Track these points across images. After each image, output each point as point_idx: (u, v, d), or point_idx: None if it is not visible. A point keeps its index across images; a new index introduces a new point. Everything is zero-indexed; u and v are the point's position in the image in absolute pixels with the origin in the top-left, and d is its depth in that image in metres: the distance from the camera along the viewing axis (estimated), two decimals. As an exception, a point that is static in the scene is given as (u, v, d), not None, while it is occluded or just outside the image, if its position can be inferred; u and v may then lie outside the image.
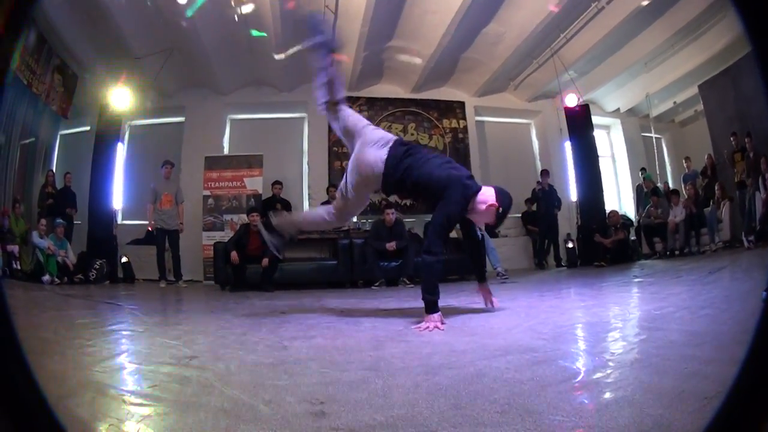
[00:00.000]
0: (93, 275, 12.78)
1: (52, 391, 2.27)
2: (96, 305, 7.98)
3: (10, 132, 13.05)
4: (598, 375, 2.59)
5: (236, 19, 13.00)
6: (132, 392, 2.62)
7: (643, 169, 17.18)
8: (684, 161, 16.94)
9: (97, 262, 13.00)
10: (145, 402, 2.40)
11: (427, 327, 4.43)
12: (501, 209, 4.91)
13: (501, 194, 4.97)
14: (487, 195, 4.93)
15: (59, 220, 13.10)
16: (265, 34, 13.71)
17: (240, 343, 4.07)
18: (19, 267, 11.84)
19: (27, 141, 13.94)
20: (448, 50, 15.01)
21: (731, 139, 14.56)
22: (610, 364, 2.85)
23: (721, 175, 15.19)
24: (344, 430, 1.89)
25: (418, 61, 15.60)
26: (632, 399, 2.15)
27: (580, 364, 2.96)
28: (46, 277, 11.83)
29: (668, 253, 14.28)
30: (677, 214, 14.26)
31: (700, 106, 17.49)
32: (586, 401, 2.22)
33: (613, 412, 1.98)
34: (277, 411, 2.16)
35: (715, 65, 15.59)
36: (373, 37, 14.22)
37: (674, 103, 18.81)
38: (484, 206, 4.88)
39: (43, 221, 12.86)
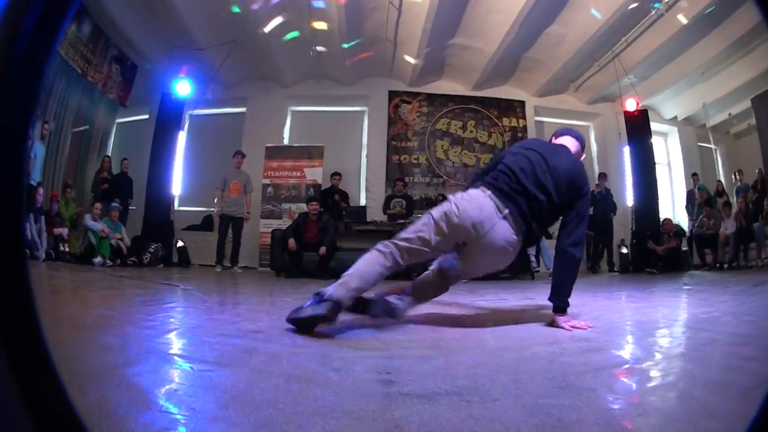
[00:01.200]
0: (147, 258, 12.92)
1: (108, 362, 2.39)
2: (152, 285, 7.99)
3: (62, 119, 13.31)
4: (647, 363, 2.69)
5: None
6: (198, 360, 2.62)
7: (695, 175, 16.90)
8: (736, 174, 16.64)
9: (152, 246, 13.14)
10: (212, 368, 2.42)
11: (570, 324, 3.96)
12: None
13: None
14: None
15: (115, 204, 13.22)
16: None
17: None
18: (66, 250, 11.99)
19: (80, 128, 14.21)
20: (510, 49, 14.97)
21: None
22: (658, 355, 2.96)
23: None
24: (413, 396, 1.95)
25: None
26: (678, 385, 2.26)
27: (630, 353, 3.08)
28: (98, 259, 11.92)
29: (717, 265, 14.08)
30: (728, 227, 14.07)
31: (753, 120, 17.14)
32: (634, 384, 2.31)
33: (660, 394, 2.08)
34: (347, 378, 2.25)
35: (768, 80, 15.39)
36: (436, 34, 14.18)
37: (729, 114, 18.48)
38: None
39: (98, 205, 13.01)
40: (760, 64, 14.68)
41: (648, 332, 3.95)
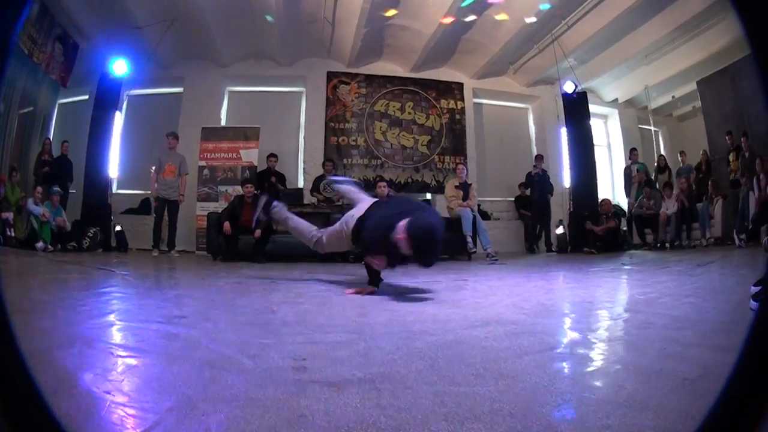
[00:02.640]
0: (86, 243, 12.79)
1: (38, 345, 2.42)
2: (89, 271, 8.04)
3: (10, 101, 13.04)
4: (577, 348, 2.66)
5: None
6: (119, 345, 2.70)
7: (633, 150, 17.01)
8: (679, 155, 16.88)
9: (91, 230, 13.00)
10: (132, 354, 2.48)
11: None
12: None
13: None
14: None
15: (55, 188, 13.08)
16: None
17: (229, 306, 4.19)
18: (13, 234, 11.85)
19: (26, 110, 13.92)
20: (449, 31, 14.99)
21: (726, 137, 14.57)
22: (590, 339, 2.92)
23: (715, 172, 15.24)
24: (323, 383, 1.93)
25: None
26: (608, 372, 2.23)
27: (560, 338, 3.06)
28: (40, 244, 11.81)
29: (658, 244, 14.33)
30: (669, 207, 14.26)
31: (698, 103, 17.45)
32: (562, 371, 2.28)
33: (588, 382, 2.05)
34: (261, 365, 2.23)
35: (714, 63, 15.56)
36: (375, 14, 14.16)
37: (673, 97, 18.78)
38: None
39: (39, 189, 12.82)
40: (706, 47, 14.90)
41: (581, 315, 3.98)
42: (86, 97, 15.55)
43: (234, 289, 5.60)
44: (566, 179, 16.73)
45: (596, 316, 3.91)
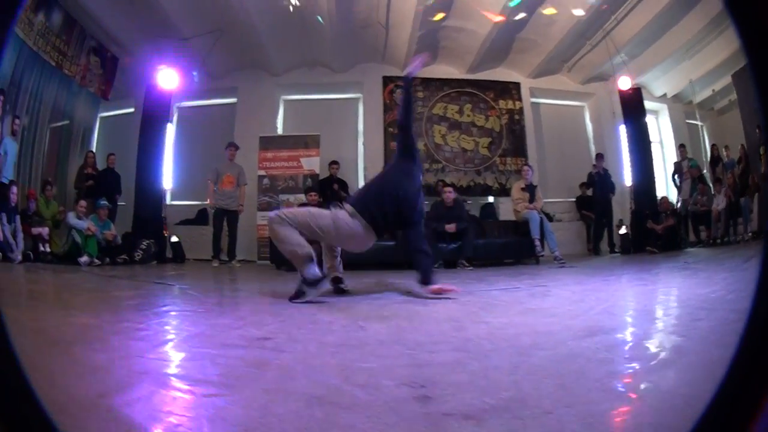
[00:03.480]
0: (139, 255, 12.68)
1: (91, 388, 2.01)
2: (144, 285, 7.72)
3: (36, 114, 13.11)
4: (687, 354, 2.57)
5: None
6: (199, 381, 2.20)
7: (682, 146, 16.93)
8: (723, 150, 16.72)
9: (144, 242, 12.92)
10: (217, 392, 2.03)
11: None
12: None
13: None
14: None
15: (103, 201, 12.94)
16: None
17: (313, 323, 3.84)
18: (48, 250, 11.70)
19: (60, 123, 14.01)
20: (503, 30, 14.95)
21: (757, 131, 14.30)
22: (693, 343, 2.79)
23: (752, 166, 15.01)
24: (457, 415, 1.69)
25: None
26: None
27: (663, 343, 2.90)
28: (84, 258, 11.57)
29: (711, 241, 14.26)
30: (719, 203, 14.24)
31: (734, 96, 17.26)
32: (701, 378, 2.03)
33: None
34: (377, 396, 1.92)
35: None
36: (429, 16, 14.10)
37: (713, 91, 18.62)
38: None
39: (83, 202, 12.65)
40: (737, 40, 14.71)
41: (676, 318, 3.86)
42: (132, 110, 15.66)
43: (310, 303, 5.10)
44: (627, 178, 16.64)
45: (694, 318, 3.67)
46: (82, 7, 12.91)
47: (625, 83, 15.71)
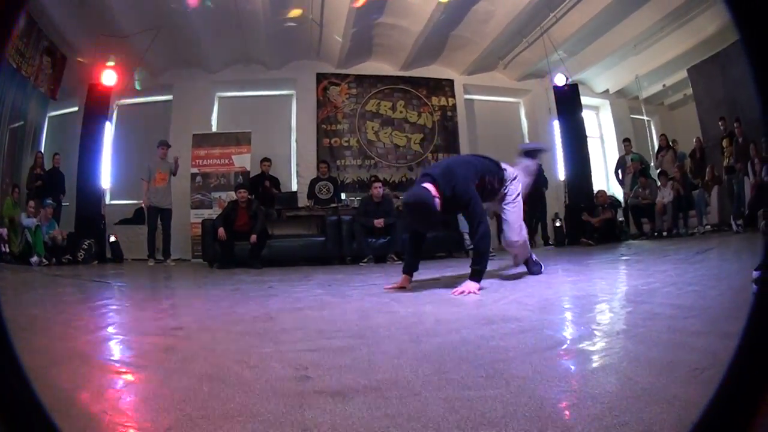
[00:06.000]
0: (81, 255, 12.73)
1: (35, 362, 2.31)
2: (84, 283, 8.01)
3: (0, 116, 13.01)
4: (584, 344, 2.58)
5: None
6: (116, 361, 2.66)
7: (626, 140, 17.09)
8: (671, 143, 16.87)
9: (86, 243, 12.92)
10: (129, 370, 2.44)
11: (463, 291, 4.81)
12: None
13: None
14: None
15: (48, 201, 13.00)
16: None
17: (226, 316, 4.12)
18: (7, 250, 11.78)
19: (16, 124, 13.84)
20: (437, 27, 14.97)
21: (719, 123, 14.59)
22: (596, 333, 2.85)
23: (709, 159, 15.28)
24: (328, 393, 1.87)
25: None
26: (619, 367, 2.14)
27: (566, 333, 2.98)
28: (35, 258, 11.77)
29: (656, 234, 14.35)
30: (665, 196, 14.29)
31: (689, 90, 17.55)
32: (571, 368, 2.22)
33: (599, 378, 1.97)
34: (262, 376, 2.16)
35: (704, 50, 15.64)
36: (363, 14, 14.13)
37: (663, 86, 18.84)
38: None
39: (32, 203, 12.71)
40: (695, 35, 14.92)
41: (585, 308, 3.89)
42: (76, 108, 15.48)
43: (231, 296, 5.51)
44: (561, 172, 16.82)
45: (600, 309, 3.83)
46: (41, 6, 12.78)
47: (560, 80, 15.96)
